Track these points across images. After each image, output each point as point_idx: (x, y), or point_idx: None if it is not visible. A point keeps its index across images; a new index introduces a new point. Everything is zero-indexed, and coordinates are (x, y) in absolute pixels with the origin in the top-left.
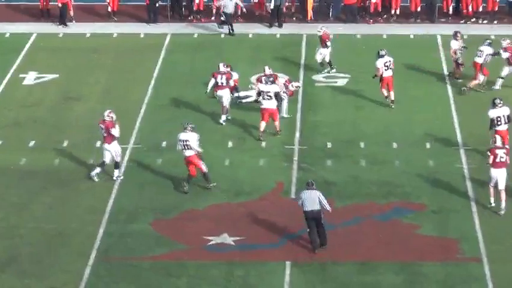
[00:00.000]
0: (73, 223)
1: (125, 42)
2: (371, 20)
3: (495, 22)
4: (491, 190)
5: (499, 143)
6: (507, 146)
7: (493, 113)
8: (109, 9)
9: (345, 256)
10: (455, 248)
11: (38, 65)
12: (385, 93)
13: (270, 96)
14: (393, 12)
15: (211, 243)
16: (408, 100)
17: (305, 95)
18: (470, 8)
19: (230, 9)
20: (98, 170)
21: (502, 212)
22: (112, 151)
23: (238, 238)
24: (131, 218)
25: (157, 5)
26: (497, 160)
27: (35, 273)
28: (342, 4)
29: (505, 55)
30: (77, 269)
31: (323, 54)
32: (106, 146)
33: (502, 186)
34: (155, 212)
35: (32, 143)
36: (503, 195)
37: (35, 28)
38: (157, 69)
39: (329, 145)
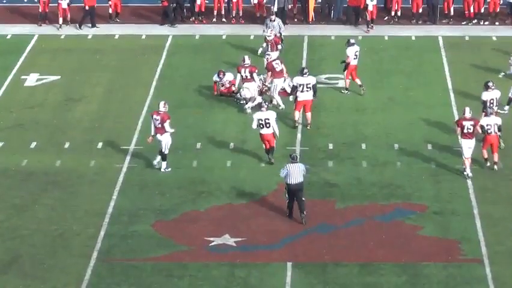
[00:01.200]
0: (74, 224)
1: (126, 44)
2: (368, 29)
3: (496, 23)
4: (467, 162)
5: (467, 114)
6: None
7: (485, 96)
8: (110, 11)
9: (346, 257)
10: (457, 249)
11: (39, 67)
12: (348, 82)
13: (309, 87)
14: (393, 13)
15: (212, 244)
16: (409, 101)
17: None
18: (472, 10)
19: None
20: (159, 158)
21: (470, 175)
22: (163, 142)
23: (239, 239)
24: (132, 220)
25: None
26: (465, 131)
27: (36, 274)
28: (345, 5)
29: None
30: (78, 271)
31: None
32: (159, 136)
33: (468, 155)
34: (157, 213)
35: (33, 145)
36: (469, 163)
37: (36, 30)
38: (159, 70)
39: (331, 146)
